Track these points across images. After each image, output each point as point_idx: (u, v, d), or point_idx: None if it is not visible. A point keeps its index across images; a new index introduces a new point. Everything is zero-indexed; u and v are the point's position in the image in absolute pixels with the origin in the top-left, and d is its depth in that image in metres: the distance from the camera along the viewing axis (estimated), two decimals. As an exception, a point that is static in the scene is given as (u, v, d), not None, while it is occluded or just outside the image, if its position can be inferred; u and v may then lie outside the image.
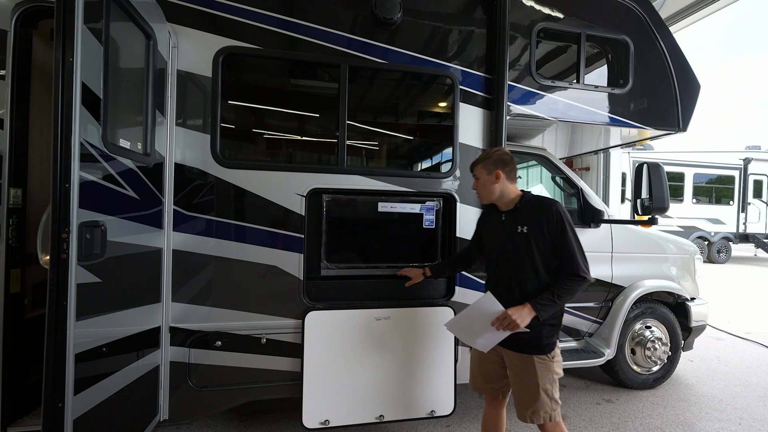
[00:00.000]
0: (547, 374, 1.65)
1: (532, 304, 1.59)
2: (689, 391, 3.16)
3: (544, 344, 1.66)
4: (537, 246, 1.63)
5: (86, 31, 1.31)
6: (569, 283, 1.60)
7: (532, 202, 1.71)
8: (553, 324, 1.68)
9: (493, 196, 1.76)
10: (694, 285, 3.29)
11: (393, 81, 2.49)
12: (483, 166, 1.77)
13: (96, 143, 1.39)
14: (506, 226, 1.73)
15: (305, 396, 2.11)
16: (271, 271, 2.14)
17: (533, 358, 1.65)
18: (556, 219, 1.61)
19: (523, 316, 1.58)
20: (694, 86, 2.80)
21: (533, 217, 1.66)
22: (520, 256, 1.66)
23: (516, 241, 1.68)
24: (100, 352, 1.46)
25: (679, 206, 10.31)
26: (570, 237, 1.60)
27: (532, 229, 1.64)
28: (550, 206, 1.64)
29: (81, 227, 1.30)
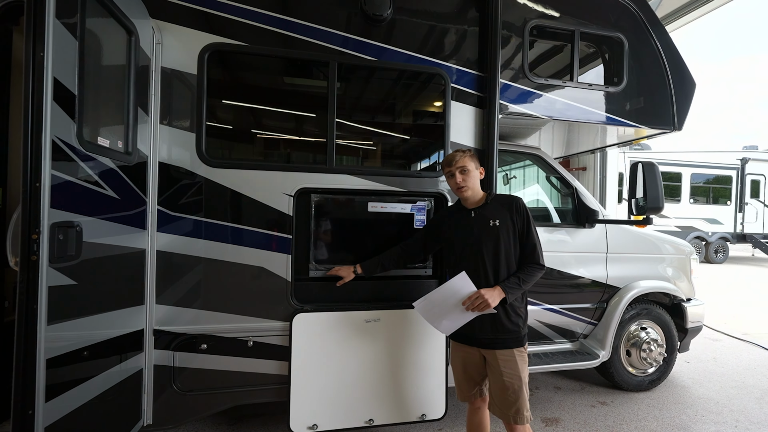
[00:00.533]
0: (524, 367, 1.76)
1: (502, 286, 1.72)
2: (685, 393, 3.12)
3: (522, 336, 1.79)
4: (507, 237, 1.78)
5: (59, 25, 1.27)
6: (531, 269, 1.77)
7: (500, 198, 1.88)
8: (524, 315, 1.83)
9: (477, 188, 1.87)
10: (690, 286, 3.26)
11: (383, 79, 2.45)
12: (472, 158, 1.86)
13: (70, 141, 1.34)
14: (478, 221, 1.84)
15: (293, 400, 2.07)
16: (258, 272, 2.09)
17: (514, 352, 1.75)
18: (523, 213, 1.80)
19: (493, 296, 1.70)
20: (689, 85, 2.77)
21: (503, 211, 1.81)
22: (493, 247, 1.79)
23: (489, 233, 1.80)
24: (75, 357, 1.41)
25: (677, 206, 10.29)
26: (534, 230, 1.80)
27: (503, 223, 1.79)
28: (517, 202, 1.82)
29: (53, 228, 1.25)
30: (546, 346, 2.94)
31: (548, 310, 2.83)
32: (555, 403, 2.92)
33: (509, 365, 1.75)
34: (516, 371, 1.74)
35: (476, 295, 1.70)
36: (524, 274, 1.76)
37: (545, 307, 2.82)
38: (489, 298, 1.68)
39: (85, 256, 1.43)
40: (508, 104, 2.44)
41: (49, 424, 1.27)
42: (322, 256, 2.25)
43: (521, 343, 1.78)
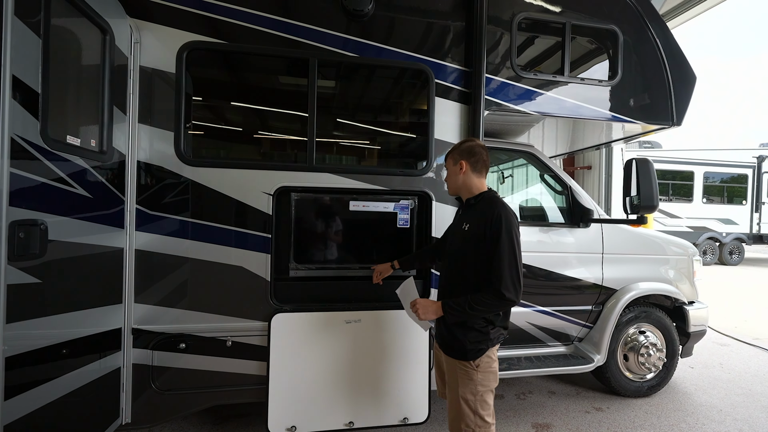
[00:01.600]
0: (468, 383, 1.54)
1: (443, 303, 1.56)
2: (687, 399, 3.00)
3: (467, 349, 1.55)
4: (475, 248, 1.54)
5: (19, 23, 1.27)
6: (486, 296, 1.47)
7: (484, 200, 1.63)
8: (480, 330, 1.55)
9: (455, 187, 1.72)
10: (692, 288, 3.13)
11: (365, 76, 2.42)
12: (450, 156, 1.73)
13: (33, 139, 1.34)
14: (459, 221, 1.72)
15: (271, 401, 2.05)
16: (237, 272, 2.08)
17: (456, 363, 1.59)
18: (495, 222, 1.48)
19: (427, 310, 1.58)
20: (689, 78, 2.65)
21: (478, 216, 1.57)
22: (458, 254, 1.63)
23: (458, 237, 1.65)
24: (41, 355, 1.41)
25: (689, 206, 9.97)
26: (502, 247, 1.45)
27: (473, 229, 1.57)
28: (494, 207, 1.52)
29: (12, 226, 1.25)
30: (538, 349, 2.86)
31: (540, 312, 2.75)
32: (548, 408, 2.83)
33: (451, 375, 1.62)
34: (453, 384, 1.59)
35: (413, 302, 1.62)
36: (476, 299, 1.47)
37: (537, 309, 2.74)
38: (420, 310, 1.58)
39: (52, 255, 1.43)
40: (494, 100, 2.37)
41: (9, 422, 1.26)
42: (302, 255, 2.23)
43: (465, 356, 1.55)
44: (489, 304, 1.47)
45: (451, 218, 2.30)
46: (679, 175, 10.09)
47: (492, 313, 1.53)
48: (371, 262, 2.31)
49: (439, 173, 2.30)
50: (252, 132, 2.45)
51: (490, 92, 2.36)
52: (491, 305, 1.48)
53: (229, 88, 2.36)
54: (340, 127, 2.46)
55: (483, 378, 1.54)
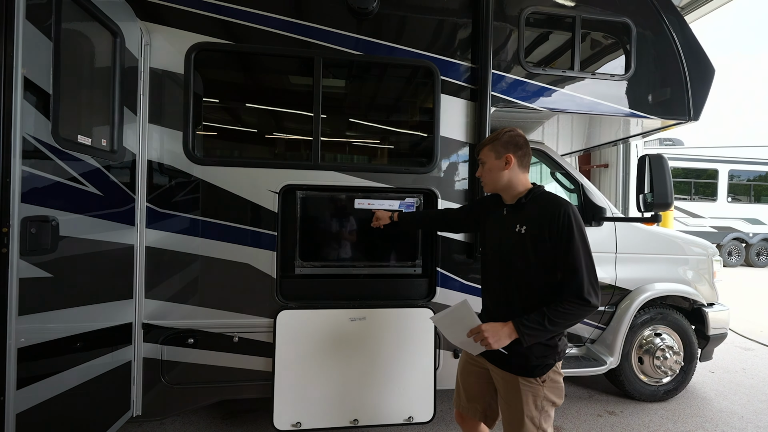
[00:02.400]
0: (534, 400, 1.38)
1: (516, 324, 1.31)
2: (706, 405, 2.88)
3: (532, 365, 1.37)
4: (535, 251, 1.35)
5: (31, 27, 1.31)
6: (567, 305, 1.27)
7: (540, 198, 1.42)
8: (548, 344, 1.38)
9: (500, 184, 1.48)
10: (712, 289, 3.01)
11: (370, 74, 2.41)
12: (491, 149, 1.48)
13: (44, 139, 1.39)
14: (506, 222, 1.47)
15: (276, 397, 2.07)
16: (243, 268, 2.11)
17: (518, 380, 1.39)
18: (562, 221, 1.31)
19: (499, 336, 1.31)
20: (707, 71, 2.55)
21: (536, 215, 1.37)
22: (514, 260, 1.40)
23: (512, 242, 1.41)
24: (52, 347, 1.47)
25: (712, 205, 9.58)
26: (577, 247, 1.29)
27: (532, 230, 1.36)
28: (558, 205, 1.34)
29: (24, 222, 1.30)
30: (549, 351, 2.79)
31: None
32: (558, 410, 2.77)
33: (511, 392, 1.42)
34: (517, 402, 1.39)
35: (477, 330, 1.34)
36: (554, 311, 1.27)
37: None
38: (491, 338, 1.30)
39: (63, 250, 1.48)
40: (502, 97, 2.33)
41: (21, 410, 1.31)
42: (307, 253, 2.24)
43: (530, 373, 1.37)
44: (572, 314, 1.28)
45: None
46: (702, 174, 9.72)
47: (573, 323, 1.32)
48: (376, 260, 2.32)
49: (445, 171, 2.28)
50: (258, 131, 2.48)
51: (498, 89, 2.32)
52: (574, 315, 1.28)
53: (235, 88, 2.40)
54: (346, 125, 2.46)
55: (549, 392, 1.39)
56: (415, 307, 2.23)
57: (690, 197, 9.61)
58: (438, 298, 2.28)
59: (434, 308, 2.22)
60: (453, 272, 2.30)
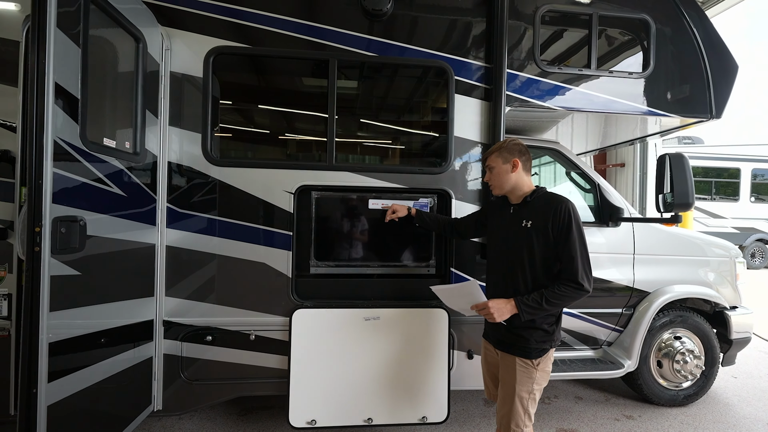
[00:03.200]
0: (527, 381, 1.57)
1: (517, 301, 1.53)
2: (728, 411, 2.80)
3: (531, 348, 1.58)
4: (538, 243, 1.56)
5: (61, 34, 1.37)
6: (563, 288, 1.50)
7: (542, 197, 1.63)
8: (547, 330, 1.59)
9: (507, 186, 1.68)
10: (735, 292, 2.92)
11: (385, 75, 2.43)
12: (499, 155, 1.69)
13: (73, 141, 1.45)
14: (512, 219, 1.67)
15: (292, 394, 2.10)
16: (259, 268, 2.15)
17: (515, 360, 1.59)
18: (562, 216, 1.52)
19: (502, 310, 1.54)
20: (729, 67, 2.48)
21: (540, 212, 1.58)
22: (520, 252, 1.60)
23: (518, 235, 1.61)
24: (80, 342, 1.52)
25: (735, 205, 9.27)
26: (574, 239, 1.51)
27: (537, 225, 1.57)
28: (560, 202, 1.56)
29: (55, 222, 1.35)
30: (565, 353, 2.76)
31: (567, 315, 2.65)
32: (574, 413, 2.73)
33: (508, 372, 1.62)
34: (510, 381, 1.59)
35: (483, 305, 1.56)
36: (551, 292, 1.50)
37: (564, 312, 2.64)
38: (495, 312, 1.53)
39: (90, 249, 1.53)
40: (517, 96, 2.32)
41: (52, 402, 1.37)
42: (322, 253, 2.27)
43: (528, 355, 1.58)
44: (566, 296, 1.49)
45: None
46: (723, 173, 9.42)
47: (566, 305, 1.54)
48: (390, 260, 2.33)
49: (459, 171, 2.28)
50: (274, 132, 2.52)
51: (513, 88, 2.31)
52: (568, 297, 1.49)
53: (252, 90, 2.44)
54: (360, 126, 2.48)
55: (540, 377, 1.58)
56: (428, 307, 2.23)
57: (711, 197, 9.33)
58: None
59: (448, 309, 2.22)
60: (466, 272, 2.29)
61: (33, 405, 1.30)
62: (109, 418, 1.76)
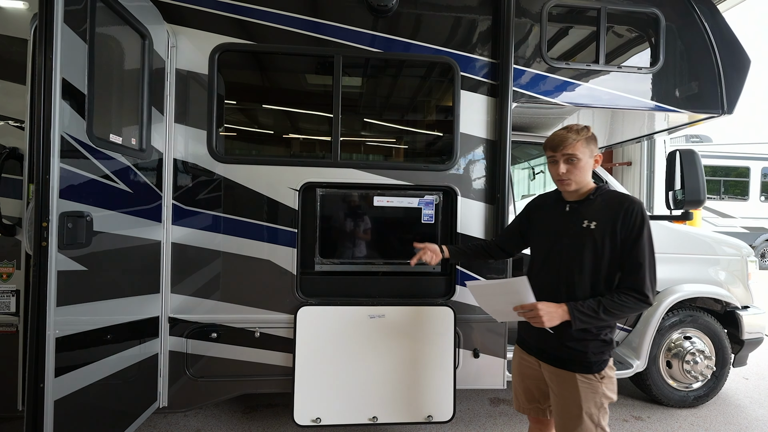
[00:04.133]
0: (593, 396, 1.38)
1: (570, 307, 1.34)
2: (739, 413, 2.75)
3: (591, 362, 1.39)
4: (603, 247, 1.37)
5: (69, 31, 1.37)
6: (624, 298, 1.32)
7: (610, 195, 1.44)
8: (605, 340, 1.41)
9: (585, 182, 1.45)
10: (747, 291, 2.87)
11: (389, 71, 2.41)
12: (586, 145, 1.41)
13: (80, 137, 1.45)
14: (570, 218, 1.46)
15: (297, 392, 2.09)
16: (264, 265, 2.14)
17: (575, 377, 1.39)
18: (634, 218, 1.34)
19: (552, 315, 1.33)
20: (741, 62, 2.43)
21: (607, 212, 1.38)
22: (579, 255, 1.40)
23: (578, 237, 1.41)
24: (86, 338, 1.53)
25: (744, 205, 9.14)
26: (644, 244, 1.33)
27: (602, 226, 1.37)
28: (631, 203, 1.37)
29: (62, 217, 1.36)
30: (571, 352, 2.72)
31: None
32: (581, 414, 2.69)
33: (567, 389, 1.41)
34: (575, 399, 1.38)
35: (531, 307, 1.35)
36: (610, 301, 1.31)
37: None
38: (545, 316, 1.32)
39: (97, 245, 1.54)
40: (523, 92, 2.29)
41: (59, 397, 1.37)
42: (327, 250, 2.26)
43: (589, 369, 1.39)
44: (627, 307, 1.32)
45: (477, 214, 2.26)
46: (732, 172, 9.28)
47: (624, 317, 1.39)
48: (395, 257, 2.31)
49: (465, 168, 2.26)
50: (279, 129, 2.52)
51: (519, 84, 2.28)
52: (629, 308, 1.32)
53: (257, 87, 2.44)
54: (365, 122, 2.47)
55: (606, 389, 1.40)
56: (434, 305, 2.21)
57: (720, 196, 9.20)
58: (457, 296, 2.26)
59: (454, 306, 2.20)
60: (473, 270, 2.27)
61: (40, 400, 1.31)
62: (115, 413, 1.76)
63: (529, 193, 3.92)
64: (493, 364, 2.30)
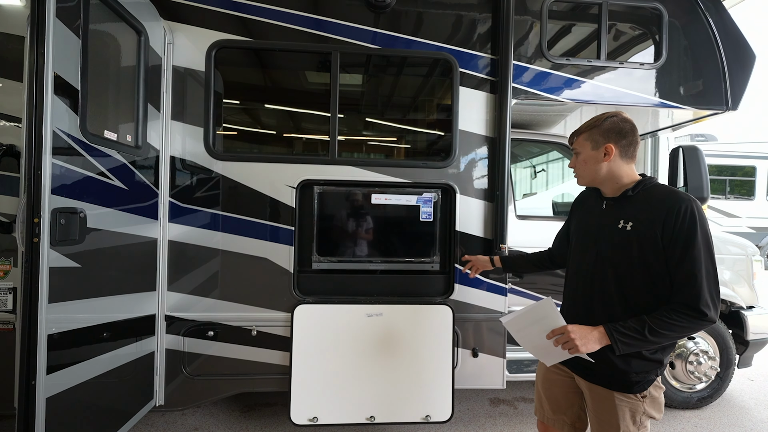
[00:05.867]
0: (633, 416, 1.22)
1: (609, 330, 1.15)
2: (744, 414, 2.70)
3: (632, 381, 1.22)
4: (642, 252, 1.18)
5: (61, 25, 1.36)
6: (675, 316, 1.11)
7: (652, 191, 1.23)
8: (652, 358, 1.21)
9: (597, 177, 1.31)
10: (752, 291, 2.82)
11: (387, 67, 2.39)
12: (588, 137, 1.31)
13: (73, 133, 1.44)
14: (605, 217, 1.29)
15: (293, 391, 2.07)
16: (261, 263, 2.13)
17: (614, 395, 1.23)
18: (681, 219, 1.13)
19: (587, 340, 1.15)
20: (746, 57, 2.39)
21: (648, 211, 1.19)
22: (615, 261, 1.24)
23: (613, 239, 1.24)
24: (79, 335, 1.52)
25: (750, 204, 9.03)
26: (698, 251, 1.12)
27: (641, 228, 1.19)
28: (678, 200, 1.16)
29: (54, 213, 1.35)
30: (572, 352, 2.69)
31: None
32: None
33: (602, 406, 1.26)
34: (612, 419, 1.23)
35: (562, 331, 1.18)
36: (657, 319, 1.12)
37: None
38: (578, 340, 1.15)
39: (91, 242, 1.53)
40: (523, 88, 2.26)
41: (51, 395, 1.36)
42: (324, 248, 2.24)
43: (629, 389, 1.22)
44: (680, 326, 1.12)
45: (477, 212, 2.23)
46: (738, 171, 9.17)
47: (679, 337, 1.19)
48: (393, 255, 2.29)
49: (464, 166, 2.23)
50: (277, 127, 2.50)
51: (519, 80, 2.25)
52: (683, 328, 1.12)
53: (254, 84, 2.43)
54: (363, 119, 2.45)
55: (649, 408, 1.24)
56: (432, 303, 2.19)
57: (725, 196, 9.10)
58: (456, 294, 2.23)
59: (452, 305, 2.18)
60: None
61: (32, 397, 1.30)
62: (110, 412, 1.75)
63: (531, 192, 3.88)
64: (493, 364, 2.27)
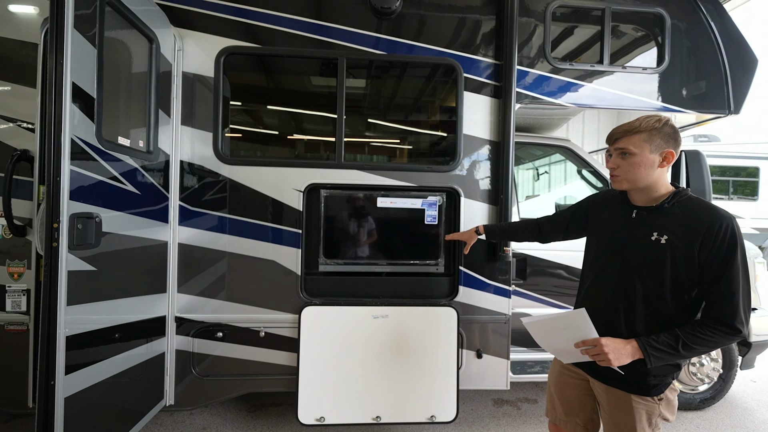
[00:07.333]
0: (649, 418, 1.24)
1: (642, 344, 1.15)
2: (747, 416, 2.72)
3: (650, 384, 1.23)
4: (675, 266, 1.17)
5: (78, 35, 1.40)
6: (710, 332, 1.12)
7: (691, 204, 1.20)
8: (672, 363, 1.23)
9: (643, 183, 1.23)
10: (754, 293, 2.83)
11: (393, 73, 2.43)
12: (647, 139, 1.19)
13: (90, 140, 1.48)
14: (636, 226, 1.25)
15: (301, 391, 2.11)
16: (269, 265, 2.17)
17: (630, 398, 1.25)
18: (722, 238, 1.12)
19: (620, 353, 1.15)
20: (748, 61, 2.41)
21: (685, 226, 1.16)
22: (645, 273, 1.21)
23: (645, 251, 1.21)
24: (95, 336, 1.56)
25: (753, 205, 9.01)
26: (737, 270, 1.12)
27: (675, 243, 1.16)
28: (719, 217, 1.13)
29: (72, 218, 1.39)
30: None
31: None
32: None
33: (619, 409, 1.27)
34: (628, 421, 1.24)
35: (594, 343, 1.18)
36: (691, 334, 1.13)
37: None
38: (611, 353, 1.14)
39: (105, 245, 1.57)
40: (527, 93, 2.29)
41: (69, 394, 1.40)
42: (331, 250, 2.28)
43: (646, 392, 1.23)
44: (713, 341, 1.13)
45: (480, 216, 2.26)
46: (741, 172, 9.16)
47: (709, 351, 1.22)
48: (399, 258, 2.33)
49: (468, 169, 2.26)
50: (284, 131, 2.54)
51: (523, 85, 2.28)
52: (716, 343, 1.14)
53: (262, 89, 2.46)
54: (369, 124, 2.49)
55: (665, 410, 1.26)
56: (437, 305, 2.22)
57: (728, 197, 9.08)
58: (460, 296, 2.26)
59: (456, 307, 2.21)
60: (476, 271, 2.28)
61: (51, 397, 1.34)
62: (123, 411, 1.79)
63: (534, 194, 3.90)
64: (497, 365, 2.30)
